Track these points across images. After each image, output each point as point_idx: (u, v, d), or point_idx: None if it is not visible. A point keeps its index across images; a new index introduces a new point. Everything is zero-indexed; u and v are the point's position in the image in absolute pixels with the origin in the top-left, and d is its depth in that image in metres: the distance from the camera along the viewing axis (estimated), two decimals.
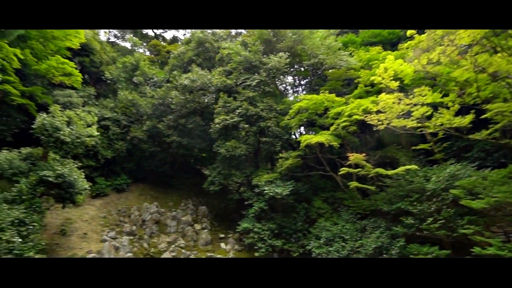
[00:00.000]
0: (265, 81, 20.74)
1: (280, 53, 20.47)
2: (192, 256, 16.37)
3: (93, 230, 16.28)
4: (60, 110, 16.14)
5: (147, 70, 28.96)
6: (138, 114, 25.29)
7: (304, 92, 26.27)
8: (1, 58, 17.26)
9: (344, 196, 17.44)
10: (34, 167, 14.21)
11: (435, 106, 13.38)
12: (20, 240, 10.83)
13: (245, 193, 18.75)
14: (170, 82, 25.58)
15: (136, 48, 38.27)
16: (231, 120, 19.32)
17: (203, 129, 23.63)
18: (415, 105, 13.21)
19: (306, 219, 17.39)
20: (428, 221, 12.06)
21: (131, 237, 16.63)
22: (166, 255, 15.61)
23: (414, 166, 13.82)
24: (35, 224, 11.86)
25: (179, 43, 39.91)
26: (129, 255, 15.01)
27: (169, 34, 46.85)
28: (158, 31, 46.72)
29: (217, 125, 19.58)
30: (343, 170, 16.10)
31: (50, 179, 13.21)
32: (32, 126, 15.07)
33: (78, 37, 23.71)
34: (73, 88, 23.41)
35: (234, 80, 21.67)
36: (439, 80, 13.73)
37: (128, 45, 39.56)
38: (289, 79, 28.87)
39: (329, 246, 14.52)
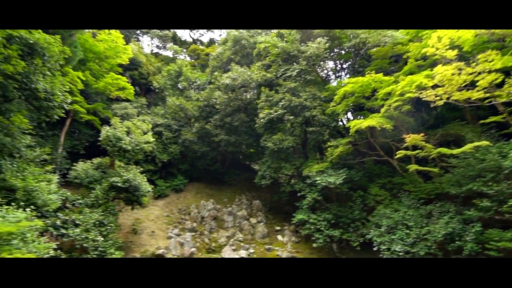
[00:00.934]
0: (305, 70, 20.29)
1: (318, 39, 19.79)
2: (251, 249, 16.90)
3: (159, 228, 17.72)
4: (119, 122, 17.72)
5: (190, 75, 30.27)
6: (187, 118, 26.66)
7: (348, 76, 25.07)
8: (68, 82, 19.53)
9: (403, 181, 16.36)
10: (105, 174, 15.90)
11: (506, 72, 11.78)
12: (102, 239, 12.23)
13: (297, 184, 18.68)
14: (212, 83, 26.45)
15: (177, 55, 40.25)
16: (275, 113, 19.32)
17: (249, 125, 24.05)
18: (480, 73, 11.78)
19: (363, 207, 16.73)
20: (510, 203, 10.74)
21: (193, 233, 17.73)
22: (226, 249, 16.33)
23: (485, 142, 12.35)
24: (112, 224, 13.30)
25: (216, 44, 40.90)
26: (193, 250, 16.02)
27: (206, 37, 48.29)
28: (195, 36, 48.43)
29: (262, 120, 19.74)
30: (400, 153, 15.07)
31: (119, 184, 14.64)
32: (99, 138, 16.85)
33: (127, 53, 25.73)
34: (127, 100, 25.55)
35: (274, 73, 21.59)
36: (509, 41, 12.03)
37: (169, 53, 41.77)
38: (330, 64, 27.78)
39: (392, 234, 13.79)
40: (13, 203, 9.29)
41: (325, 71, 28.63)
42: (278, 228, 19.43)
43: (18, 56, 12.66)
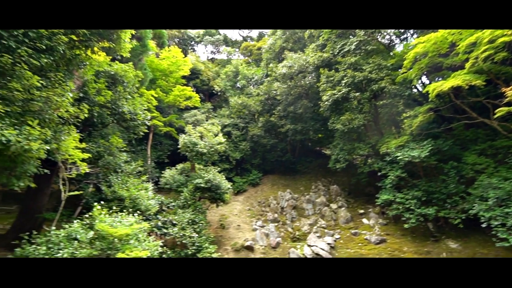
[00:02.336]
0: (364, 41, 18.75)
1: None
2: (336, 235, 16.55)
3: (243, 222, 18.71)
4: (192, 129, 19.19)
5: (246, 72, 30.97)
6: (251, 114, 27.40)
7: (415, 36, 22.26)
8: (145, 101, 22.00)
9: (510, 143, 13.82)
10: (189, 178, 17.47)
11: None
12: (196, 235, 13.50)
13: (375, 164, 17.50)
14: (269, 76, 26.57)
15: (231, 56, 41.59)
16: (339, 93, 18.38)
17: (313, 110, 23.48)
18: None
19: (459, 179, 14.72)
20: None
21: (276, 224, 18.21)
22: (311, 236, 16.31)
23: None
24: (202, 222, 14.57)
25: (266, 36, 40.88)
26: (278, 239, 16.46)
27: (255, 32, 48.51)
28: (245, 33, 49.20)
29: (326, 103, 19.01)
30: (501, 111, 12.69)
31: (202, 185, 15.91)
32: (178, 146, 18.56)
33: (187, 65, 27.67)
34: (195, 107, 27.50)
35: (330, 52, 20.52)
36: None
37: (224, 56, 43.43)
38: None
39: (505, 207, 11.81)
40: (124, 210, 10.94)
41: (387, 37, 25.99)
42: (361, 211, 18.57)
43: (106, 87, 14.74)
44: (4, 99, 7.29)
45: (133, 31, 11.96)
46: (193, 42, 43.52)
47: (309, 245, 15.69)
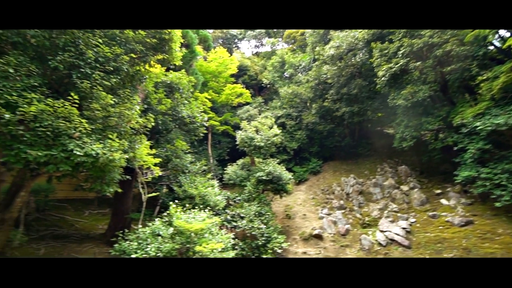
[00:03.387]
0: None
1: None
2: (411, 219, 15.34)
3: (309, 211, 18.59)
4: (247, 124, 19.63)
5: (293, 60, 30.39)
6: (303, 102, 26.89)
7: None
8: (201, 104, 23.24)
9: None
10: (250, 172, 17.99)
11: None
12: (264, 226, 13.87)
13: (449, 138, 15.63)
14: (317, 60, 25.62)
15: (275, 46, 41.20)
16: (396, 65, 16.79)
17: (368, 89, 21.98)
18: None
19: None
20: None
21: (343, 211, 17.67)
22: (383, 221, 15.42)
23: None
24: (268, 213, 14.90)
25: None
26: (347, 226, 15.96)
27: None
28: None
29: (382, 78, 17.57)
30: None
31: (263, 177, 16.22)
32: (236, 143, 19.21)
33: (234, 63, 28.34)
34: (247, 103, 28.07)
35: None
36: None
37: (268, 48, 43.24)
38: None
39: None
40: (196, 207, 11.79)
41: None
42: (438, 191, 16.83)
43: (165, 96, 15.95)
44: (89, 118, 8.42)
45: (181, 40, 12.62)
46: (236, 40, 44.29)
47: (381, 231, 14.87)
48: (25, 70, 7.91)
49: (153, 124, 11.59)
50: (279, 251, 13.27)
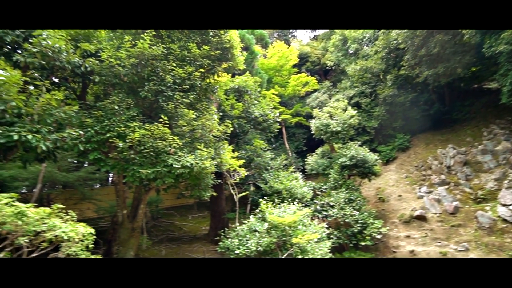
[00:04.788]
0: None
1: None
2: None
3: (404, 191, 16.99)
4: (319, 111, 19.07)
5: (355, 35, 28.22)
6: (375, 76, 24.73)
7: None
8: (269, 101, 23.68)
9: None
10: (331, 159, 17.47)
11: None
12: (357, 212, 13.28)
13: None
14: None
15: None
16: None
17: (453, 43, 18.72)
18: None
19: None
20: None
21: (446, 186, 15.56)
22: (504, 193, 12.95)
23: None
24: (359, 199, 14.20)
25: None
26: (456, 203, 14.00)
27: None
28: None
29: None
30: None
31: (347, 163, 15.53)
32: (311, 132, 18.88)
33: (293, 53, 27.95)
34: (315, 91, 27.33)
35: None
36: None
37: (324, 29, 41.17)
38: None
39: None
40: (284, 201, 12.06)
41: None
42: None
43: (235, 100, 16.78)
44: (178, 134, 9.50)
45: (240, 44, 13.00)
46: (291, 30, 43.48)
47: (504, 205, 12.54)
48: (125, 104, 9.41)
49: (231, 129, 12.34)
50: (378, 236, 12.52)
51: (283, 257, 10.10)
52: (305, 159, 19.40)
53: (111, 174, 20.82)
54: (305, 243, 10.18)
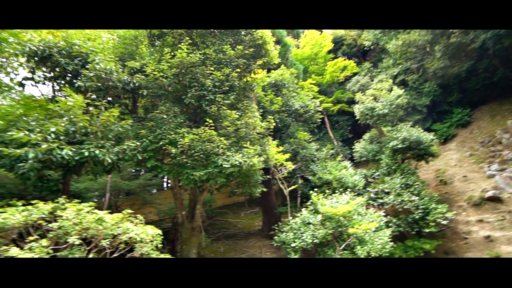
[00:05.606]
0: None
1: None
2: None
3: (469, 171, 15.42)
4: (362, 95, 18.16)
5: None
6: (420, 48, 22.67)
7: None
8: (307, 91, 23.18)
9: None
10: (381, 144, 16.57)
11: None
12: (416, 197, 12.41)
13: None
14: None
15: None
16: None
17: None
18: None
19: None
20: None
21: None
22: None
23: None
24: (417, 183, 13.24)
25: None
26: None
27: None
28: None
29: None
30: None
31: (399, 146, 14.55)
32: (356, 118, 18.08)
33: (326, 39, 26.98)
34: (354, 74, 26.09)
35: None
36: None
37: None
38: None
39: None
40: (335, 191, 11.77)
41: None
42: None
43: (274, 95, 16.77)
44: (224, 135, 9.80)
45: (273, 38, 12.89)
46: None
47: None
48: (172, 113, 10.00)
49: (273, 124, 12.37)
50: (443, 222, 11.56)
51: (341, 248, 9.91)
52: (352, 147, 18.66)
53: (165, 179, 22.35)
54: (362, 233, 9.86)
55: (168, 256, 6.32)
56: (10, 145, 7.40)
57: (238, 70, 11.41)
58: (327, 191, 11.98)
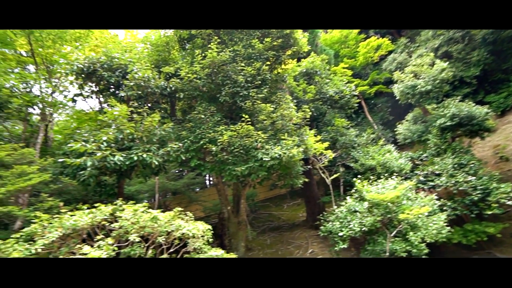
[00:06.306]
0: None
1: None
2: None
3: None
4: (400, 74, 17.01)
5: None
6: None
7: None
8: (341, 76, 22.35)
9: None
10: (426, 123, 15.49)
11: None
12: (473, 177, 11.41)
13: None
14: None
15: None
16: None
17: None
18: None
19: None
20: None
21: None
22: None
23: None
24: (473, 162, 12.16)
25: None
26: None
27: None
28: None
29: None
30: None
31: (447, 123, 13.44)
32: (396, 98, 17.05)
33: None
34: (390, 52, 24.54)
35: None
36: None
37: None
38: None
39: None
40: (381, 176, 11.26)
41: None
42: None
43: (306, 84, 16.44)
44: (261, 129, 9.85)
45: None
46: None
47: None
48: (209, 112, 10.27)
49: (309, 113, 12.15)
50: (509, 202, 10.50)
51: (391, 234, 9.50)
52: (395, 129, 17.64)
53: (208, 177, 23.16)
54: (414, 218, 9.34)
55: (219, 250, 6.55)
56: (71, 155, 8.19)
57: (268, 62, 11.35)
58: (371, 177, 11.50)
